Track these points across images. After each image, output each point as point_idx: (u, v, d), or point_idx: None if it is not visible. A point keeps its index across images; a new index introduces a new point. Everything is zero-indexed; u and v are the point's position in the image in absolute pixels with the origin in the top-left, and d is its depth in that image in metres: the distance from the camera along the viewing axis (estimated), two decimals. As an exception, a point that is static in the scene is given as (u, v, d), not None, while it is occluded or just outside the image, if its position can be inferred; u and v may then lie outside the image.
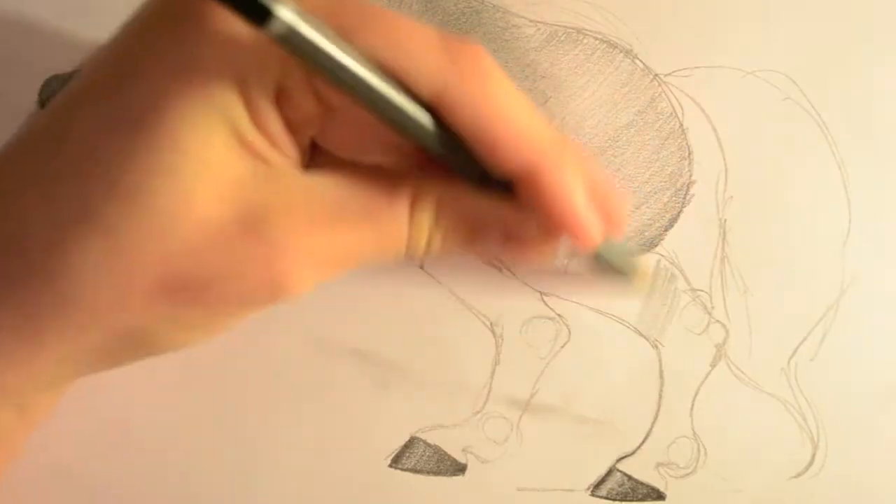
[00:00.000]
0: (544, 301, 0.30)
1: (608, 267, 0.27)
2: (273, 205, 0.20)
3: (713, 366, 0.30)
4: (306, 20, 0.18)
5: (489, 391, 0.30)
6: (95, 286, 0.19)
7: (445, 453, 0.30)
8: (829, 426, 0.30)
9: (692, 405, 0.30)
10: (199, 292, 0.20)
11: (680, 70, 0.30)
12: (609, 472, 0.30)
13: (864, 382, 0.30)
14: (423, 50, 0.20)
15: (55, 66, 0.28)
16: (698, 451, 0.30)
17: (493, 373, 0.30)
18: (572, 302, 0.30)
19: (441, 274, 0.30)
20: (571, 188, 0.21)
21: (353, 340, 0.29)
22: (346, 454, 0.29)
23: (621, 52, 0.29)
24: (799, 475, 0.30)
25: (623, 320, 0.30)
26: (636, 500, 0.30)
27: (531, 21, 0.29)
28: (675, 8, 0.30)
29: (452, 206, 0.22)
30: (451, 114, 0.20)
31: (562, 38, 0.29)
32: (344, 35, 0.19)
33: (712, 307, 0.30)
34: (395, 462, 0.30)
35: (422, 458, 0.29)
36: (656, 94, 0.30)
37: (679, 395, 0.30)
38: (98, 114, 0.19)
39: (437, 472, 0.30)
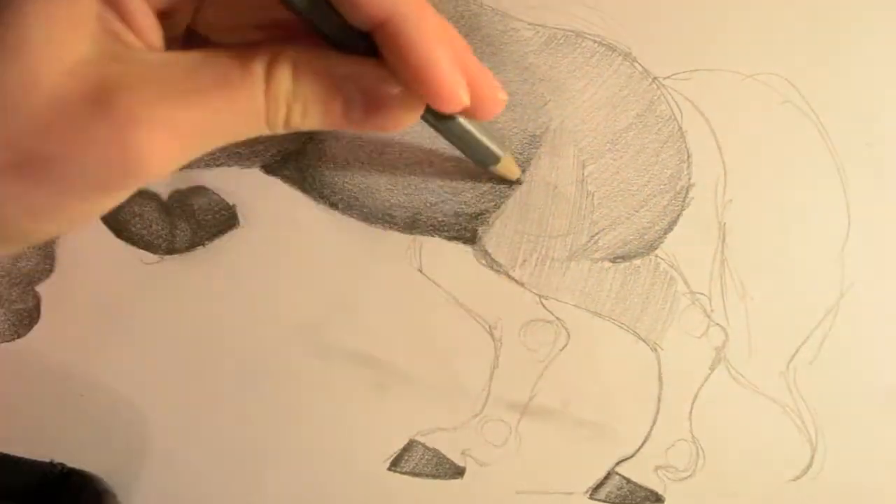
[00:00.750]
0: (543, 304, 0.30)
1: (473, 146, 0.26)
2: (124, 79, 0.19)
3: (712, 369, 0.30)
4: None
5: (488, 394, 0.30)
6: None
7: (444, 456, 0.30)
8: (828, 429, 0.30)
9: (691, 408, 0.30)
10: (48, 170, 0.19)
11: (679, 73, 0.29)
12: (608, 476, 0.30)
13: (862, 386, 0.30)
14: None
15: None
16: (697, 454, 0.30)
17: (491, 376, 0.30)
18: (571, 305, 0.30)
19: (440, 277, 0.30)
20: (433, 39, 0.20)
21: (353, 344, 0.29)
22: (345, 457, 0.29)
23: (620, 54, 0.29)
24: (797, 478, 0.30)
25: (622, 323, 0.30)
26: (635, 504, 0.30)
27: (530, 24, 0.29)
28: (674, 11, 0.29)
29: (309, 68, 0.21)
30: None
31: (560, 41, 0.29)
32: None
33: (712, 310, 0.30)
34: (395, 465, 0.30)
35: (421, 461, 0.30)
36: (655, 97, 0.30)
37: (678, 399, 0.30)
38: None
39: (436, 475, 0.30)
